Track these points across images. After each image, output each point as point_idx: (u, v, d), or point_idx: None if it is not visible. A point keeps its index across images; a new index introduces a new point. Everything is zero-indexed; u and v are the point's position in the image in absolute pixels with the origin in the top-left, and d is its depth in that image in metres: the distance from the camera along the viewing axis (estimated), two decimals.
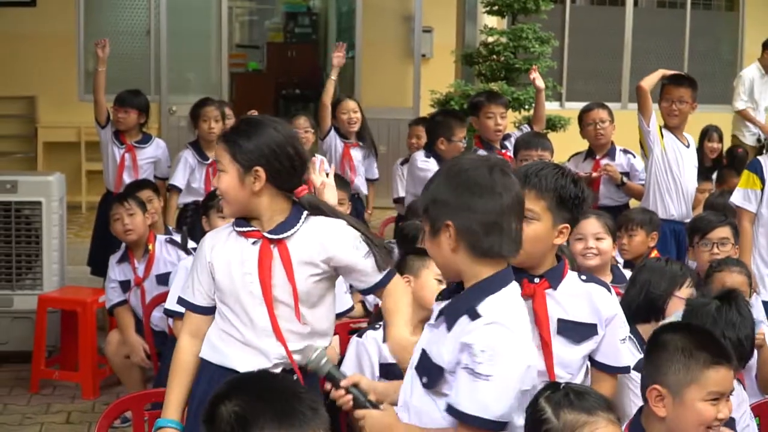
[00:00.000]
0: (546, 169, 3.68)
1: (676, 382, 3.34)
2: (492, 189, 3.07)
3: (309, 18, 19.00)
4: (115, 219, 6.74)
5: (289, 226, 3.83)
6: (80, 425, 6.70)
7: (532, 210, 3.55)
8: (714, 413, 3.33)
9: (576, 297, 3.67)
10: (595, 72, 14.64)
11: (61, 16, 12.59)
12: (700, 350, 3.35)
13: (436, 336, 3.18)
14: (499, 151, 8.02)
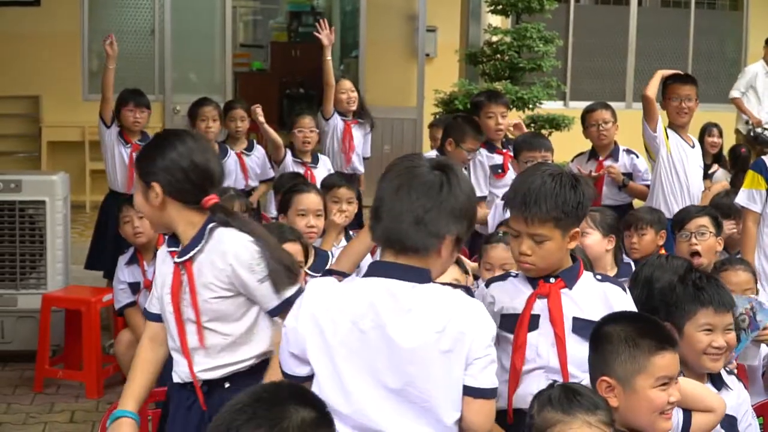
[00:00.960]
0: (544, 187, 3.67)
1: (624, 373, 3.38)
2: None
3: (313, 17, 19.00)
4: (125, 221, 6.75)
5: (194, 245, 3.83)
6: (84, 424, 6.70)
7: (540, 234, 3.66)
8: (665, 398, 3.37)
9: (591, 296, 3.75)
10: (599, 71, 14.63)
11: (65, 15, 12.61)
12: (644, 338, 3.39)
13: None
14: (500, 151, 8.02)
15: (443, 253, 3.15)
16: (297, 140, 8.31)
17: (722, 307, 4.02)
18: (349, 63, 15.52)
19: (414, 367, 3.07)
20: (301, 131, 8.31)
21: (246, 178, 8.42)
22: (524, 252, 3.69)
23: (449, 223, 3.11)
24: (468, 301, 3.17)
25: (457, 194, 3.13)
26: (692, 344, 3.94)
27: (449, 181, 3.14)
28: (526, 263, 3.71)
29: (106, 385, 7.27)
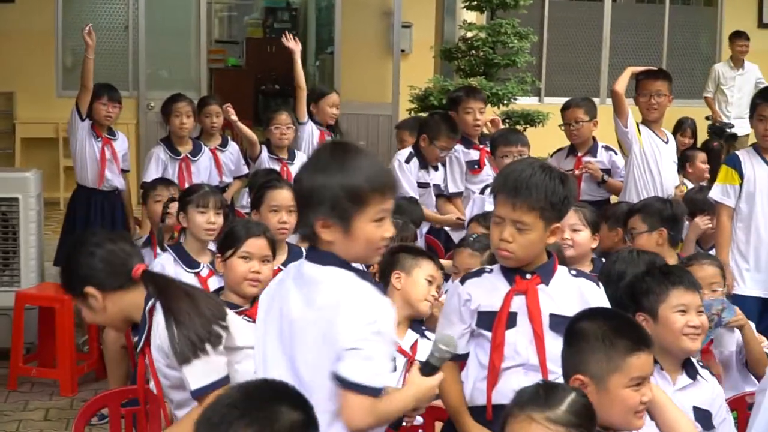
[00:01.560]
0: (535, 176, 3.71)
1: (599, 371, 3.38)
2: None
3: (288, 13, 19.00)
4: (156, 200, 6.66)
5: (141, 333, 3.67)
6: (58, 422, 6.68)
7: (525, 221, 3.67)
8: (638, 398, 3.38)
9: (567, 292, 3.78)
10: (573, 67, 14.66)
11: (39, 12, 12.54)
12: (620, 338, 3.39)
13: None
14: (476, 147, 8.02)
15: (327, 237, 3.16)
16: (273, 136, 8.30)
17: (692, 286, 4.11)
18: (324, 59, 15.51)
19: (295, 340, 3.17)
20: (278, 127, 8.30)
21: (220, 175, 8.40)
22: (505, 238, 3.70)
23: (308, 211, 3.16)
24: (358, 290, 3.16)
25: (302, 183, 3.22)
26: (669, 326, 4.00)
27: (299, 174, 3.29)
28: (505, 251, 3.72)
29: (80, 383, 7.26)
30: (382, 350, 3.09)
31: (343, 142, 3.48)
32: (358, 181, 3.11)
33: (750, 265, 6.72)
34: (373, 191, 3.12)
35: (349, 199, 3.10)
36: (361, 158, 3.18)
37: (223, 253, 4.99)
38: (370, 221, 3.14)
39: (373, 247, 3.19)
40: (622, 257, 4.76)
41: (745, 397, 4.62)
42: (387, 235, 3.18)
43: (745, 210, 6.70)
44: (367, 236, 3.15)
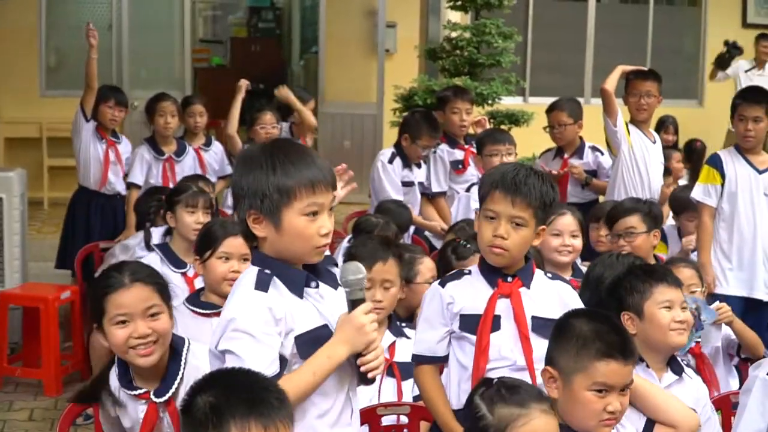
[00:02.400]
0: (530, 177, 3.75)
1: (566, 367, 3.42)
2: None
3: (273, 13, 19.01)
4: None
5: (172, 380, 3.68)
6: (43, 422, 6.66)
7: (523, 217, 3.69)
8: (600, 406, 3.39)
9: (547, 295, 3.80)
10: (558, 67, 14.67)
11: (22, 10, 12.49)
12: (595, 341, 3.41)
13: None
14: (461, 146, 8.04)
15: (259, 232, 3.19)
16: (258, 136, 8.30)
17: (675, 282, 4.14)
18: (309, 59, 15.51)
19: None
20: (263, 127, 8.32)
21: (204, 174, 8.38)
22: (500, 234, 3.69)
23: (241, 205, 3.20)
24: (235, 290, 3.23)
25: (235, 179, 3.26)
26: (656, 322, 4.02)
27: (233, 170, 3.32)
28: (499, 247, 3.71)
29: (64, 383, 7.24)
30: (246, 345, 3.07)
31: (281, 139, 3.49)
32: (285, 174, 3.12)
33: (733, 265, 6.75)
34: (299, 184, 3.12)
35: (277, 191, 3.12)
36: (293, 153, 3.18)
37: (202, 254, 4.96)
38: (299, 215, 3.14)
39: (309, 244, 3.17)
40: (601, 261, 4.77)
41: (730, 396, 4.64)
42: (323, 231, 3.17)
43: (727, 210, 6.73)
44: (298, 230, 3.15)
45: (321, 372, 3.13)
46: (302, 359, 3.15)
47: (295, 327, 3.15)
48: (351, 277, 3.18)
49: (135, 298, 3.65)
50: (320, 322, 3.21)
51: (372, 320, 3.18)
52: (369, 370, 3.20)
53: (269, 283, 3.16)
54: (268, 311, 3.11)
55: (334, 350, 3.15)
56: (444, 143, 8.05)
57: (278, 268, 3.19)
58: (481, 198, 3.84)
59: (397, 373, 4.40)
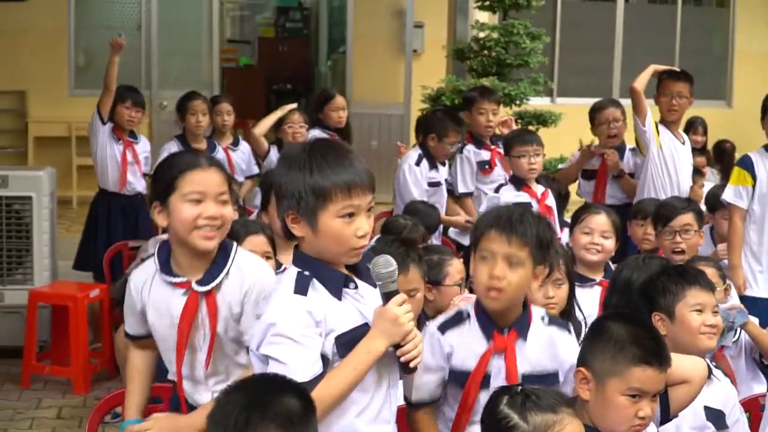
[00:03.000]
0: (525, 215, 3.66)
1: (601, 370, 3.39)
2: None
3: (300, 13, 19.01)
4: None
5: (218, 272, 3.75)
6: (71, 420, 6.69)
7: (519, 256, 3.56)
8: (633, 411, 3.36)
9: (540, 346, 3.67)
10: (585, 67, 14.64)
11: (52, 10, 12.57)
12: (633, 345, 3.38)
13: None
14: (488, 147, 8.02)
15: (297, 232, 3.22)
16: (286, 135, 8.29)
17: (707, 286, 4.12)
18: (336, 59, 15.51)
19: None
20: (291, 126, 8.30)
21: (232, 173, 8.39)
22: (497, 275, 3.54)
23: (280, 205, 3.23)
24: (274, 294, 3.26)
25: (275, 178, 3.29)
26: (686, 325, 4.01)
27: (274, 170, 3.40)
28: (496, 289, 3.56)
29: (93, 381, 7.28)
30: (288, 350, 3.08)
31: (322, 139, 3.47)
32: (322, 176, 3.13)
33: (763, 267, 6.73)
34: (335, 186, 3.12)
35: (313, 193, 3.12)
36: (331, 154, 3.18)
37: None
38: (335, 217, 3.14)
39: (345, 246, 3.18)
40: (629, 264, 4.75)
41: (759, 398, 4.63)
42: (360, 233, 3.16)
43: (758, 211, 6.70)
44: (334, 232, 3.15)
45: (362, 367, 3.14)
46: (342, 359, 3.16)
47: (335, 328, 3.16)
48: (382, 270, 3.18)
49: (211, 180, 3.75)
50: (360, 322, 3.21)
51: (407, 311, 3.18)
52: (409, 360, 3.20)
53: (308, 285, 3.17)
54: (308, 314, 3.12)
55: (372, 344, 3.16)
56: (470, 144, 8.04)
57: (317, 269, 3.20)
58: (476, 240, 3.70)
59: None
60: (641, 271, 4.57)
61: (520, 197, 6.88)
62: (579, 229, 5.64)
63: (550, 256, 3.76)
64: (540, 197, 6.93)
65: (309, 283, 3.18)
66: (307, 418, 2.82)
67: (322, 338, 3.14)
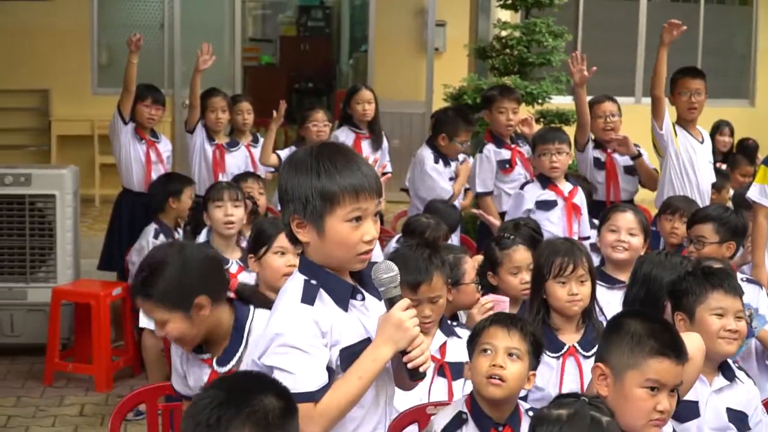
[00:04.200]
0: (523, 318, 3.91)
1: (619, 364, 3.42)
2: None
3: (322, 12, 19.06)
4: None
5: (234, 351, 3.78)
6: (94, 418, 6.72)
7: (519, 349, 3.75)
8: (651, 404, 3.38)
9: None
10: (608, 66, 14.57)
11: (74, 9, 12.62)
12: (649, 338, 3.41)
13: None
14: (508, 146, 8.01)
15: (302, 237, 3.17)
16: (310, 134, 8.27)
17: (732, 290, 4.10)
18: (358, 57, 15.53)
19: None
20: (315, 125, 8.28)
21: (255, 170, 8.39)
22: (499, 364, 3.69)
23: (285, 209, 3.18)
24: (279, 302, 3.21)
25: (281, 182, 3.21)
26: (705, 328, 4.00)
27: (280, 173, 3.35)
28: (498, 377, 3.69)
29: (115, 378, 7.31)
30: (295, 359, 3.04)
31: (329, 143, 3.44)
32: (329, 180, 3.07)
33: None
34: (343, 190, 3.06)
35: (321, 197, 3.07)
36: (338, 158, 3.12)
37: (256, 252, 4.98)
38: (342, 221, 3.07)
39: (352, 251, 3.11)
40: (650, 259, 4.77)
41: None
42: (366, 238, 3.10)
43: None
44: (341, 237, 3.09)
45: (367, 376, 3.09)
46: (344, 372, 3.12)
47: (340, 340, 3.11)
48: (383, 275, 3.13)
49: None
50: (363, 336, 3.16)
51: (411, 316, 3.12)
52: (416, 366, 3.15)
53: (315, 296, 3.12)
54: (315, 324, 3.07)
55: (377, 352, 3.10)
56: (490, 143, 8.03)
57: (324, 278, 3.15)
58: (475, 336, 3.85)
59: (448, 373, 4.39)
60: (662, 266, 4.60)
61: (544, 195, 6.88)
62: (606, 227, 5.63)
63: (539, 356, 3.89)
64: (567, 195, 6.90)
65: (316, 293, 3.12)
66: (285, 419, 2.75)
67: (328, 349, 3.09)
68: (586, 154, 7.93)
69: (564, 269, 4.48)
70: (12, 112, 12.69)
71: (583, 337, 4.44)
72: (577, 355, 4.39)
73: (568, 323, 4.51)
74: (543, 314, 4.51)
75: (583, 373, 4.32)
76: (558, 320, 4.52)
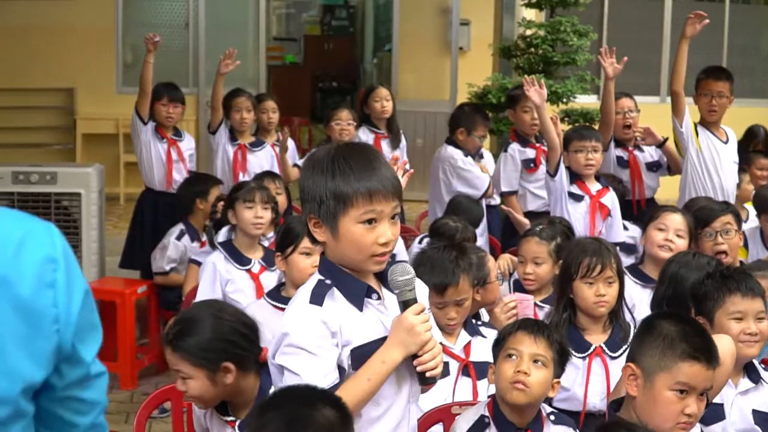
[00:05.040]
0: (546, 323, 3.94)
1: (650, 366, 3.42)
2: None
3: (346, 11, 19.08)
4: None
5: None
6: (118, 415, 6.73)
7: (545, 356, 3.75)
8: (680, 407, 3.38)
9: None
10: (633, 65, 14.50)
11: (99, 8, 12.67)
12: (682, 341, 3.40)
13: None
14: (533, 145, 7.99)
15: (319, 237, 3.17)
16: (334, 133, 8.27)
17: (750, 292, 4.07)
18: (382, 57, 15.54)
19: None
20: (338, 124, 8.28)
21: (280, 169, 8.39)
22: (523, 370, 3.70)
23: (304, 208, 3.20)
24: (292, 303, 3.22)
25: (300, 181, 3.26)
26: (724, 333, 3.96)
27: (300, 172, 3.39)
28: (522, 383, 3.70)
29: (140, 376, 7.32)
30: (301, 360, 3.04)
31: (350, 143, 3.44)
32: (343, 181, 3.05)
33: None
34: (356, 191, 3.04)
35: (334, 198, 3.05)
36: (355, 159, 3.10)
37: (283, 251, 4.98)
38: (356, 222, 3.05)
39: (365, 252, 3.08)
40: (677, 259, 4.78)
41: None
42: (381, 240, 3.07)
43: None
44: (354, 238, 3.06)
45: (376, 378, 3.07)
46: (355, 371, 3.11)
47: (352, 339, 3.09)
48: (399, 278, 3.11)
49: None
50: (382, 334, 3.14)
51: (423, 320, 3.10)
52: (426, 370, 3.13)
53: (325, 295, 3.10)
54: (323, 325, 3.06)
55: (387, 354, 3.08)
56: (515, 142, 8.02)
57: (340, 278, 3.13)
58: (500, 341, 3.87)
59: (473, 372, 4.39)
60: (689, 266, 4.60)
61: (572, 189, 6.83)
62: (653, 225, 5.62)
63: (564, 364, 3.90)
64: (594, 194, 6.85)
65: (327, 292, 3.11)
66: (345, 427, 2.79)
67: (339, 349, 3.08)
68: (609, 153, 7.89)
69: (592, 270, 4.47)
70: (37, 111, 12.76)
71: (609, 338, 4.43)
72: (603, 356, 4.39)
73: (595, 324, 4.50)
74: (569, 314, 4.51)
75: (609, 373, 4.31)
76: (584, 320, 4.51)
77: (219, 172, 8.29)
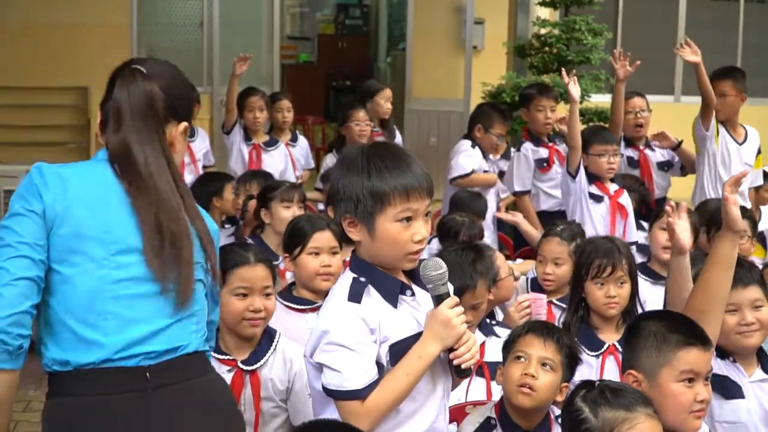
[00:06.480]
0: (558, 328, 3.92)
1: (650, 366, 3.42)
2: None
3: (360, 10, 19.07)
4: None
5: (262, 354, 4.00)
6: None
7: (553, 360, 3.76)
8: (691, 396, 3.38)
9: None
10: (648, 64, 14.46)
11: (114, 7, 12.68)
12: (673, 332, 3.43)
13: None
14: (546, 144, 7.99)
15: (354, 236, 3.23)
16: (352, 133, 8.28)
17: (739, 283, 4.00)
18: (396, 55, 15.53)
19: None
20: (357, 124, 8.29)
21: (294, 170, 8.41)
22: (531, 373, 3.72)
23: (337, 208, 3.27)
24: (328, 301, 3.28)
25: (332, 181, 3.28)
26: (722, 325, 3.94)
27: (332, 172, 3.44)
28: (529, 386, 3.72)
29: None
30: (342, 357, 3.08)
31: (380, 142, 3.48)
32: (380, 180, 3.10)
33: None
34: (393, 190, 3.09)
35: (371, 197, 3.10)
36: (389, 158, 3.16)
37: (291, 251, 4.96)
38: (393, 221, 3.11)
39: (402, 250, 3.14)
40: None
41: None
42: (417, 237, 3.13)
43: None
44: (392, 237, 3.12)
45: (414, 372, 3.11)
46: (393, 367, 3.15)
47: (390, 335, 3.14)
48: (432, 273, 3.14)
49: (257, 275, 4.07)
50: (417, 330, 3.18)
51: (459, 313, 3.14)
52: (462, 362, 3.17)
53: (362, 293, 3.15)
54: (362, 321, 3.10)
55: (424, 348, 3.12)
56: (528, 141, 8.02)
57: (373, 275, 3.18)
58: (510, 342, 3.89)
59: (487, 372, 4.39)
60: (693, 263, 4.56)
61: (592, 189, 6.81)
62: (658, 225, 5.63)
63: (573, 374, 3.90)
64: (613, 194, 6.83)
65: (363, 290, 3.16)
66: None
67: (377, 345, 3.13)
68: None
69: (602, 271, 4.48)
70: (51, 109, 12.77)
71: (623, 337, 4.42)
72: (617, 354, 4.39)
73: (608, 323, 4.51)
74: (583, 313, 4.50)
75: (622, 372, 4.30)
76: (597, 320, 4.52)
77: (233, 171, 8.30)
